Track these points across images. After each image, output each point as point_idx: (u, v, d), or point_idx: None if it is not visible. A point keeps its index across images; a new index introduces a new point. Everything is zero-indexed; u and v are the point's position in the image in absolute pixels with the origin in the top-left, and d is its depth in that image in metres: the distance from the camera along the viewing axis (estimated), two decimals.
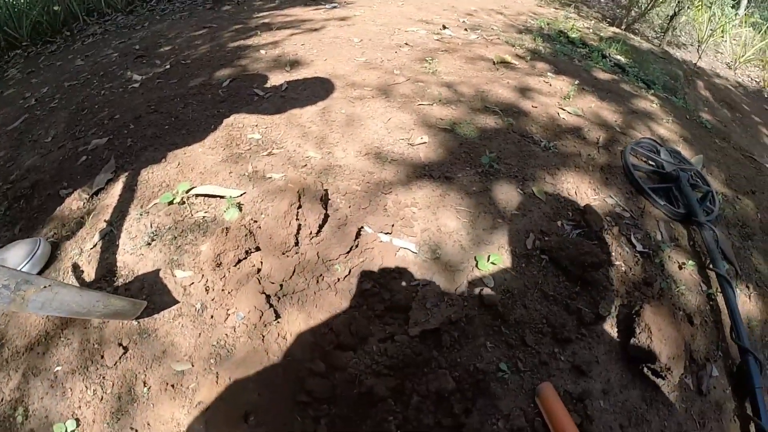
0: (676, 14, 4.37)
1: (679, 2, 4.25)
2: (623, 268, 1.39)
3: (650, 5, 4.53)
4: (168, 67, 2.54)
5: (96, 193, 1.60)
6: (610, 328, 1.23)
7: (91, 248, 1.38)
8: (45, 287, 1.01)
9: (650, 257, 1.46)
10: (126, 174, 1.63)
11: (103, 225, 1.44)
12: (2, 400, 1.13)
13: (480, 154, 1.65)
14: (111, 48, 3.22)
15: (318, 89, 2.04)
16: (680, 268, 1.48)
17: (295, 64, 2.34)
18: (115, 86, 2.44)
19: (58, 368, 1.15)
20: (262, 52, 2.54)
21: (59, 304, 1.05)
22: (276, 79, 2.18)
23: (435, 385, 1.01)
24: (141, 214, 1.44)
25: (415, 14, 3.39)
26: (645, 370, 1.16)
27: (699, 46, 4.53)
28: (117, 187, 1.58)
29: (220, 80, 2.23)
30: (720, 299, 1.44)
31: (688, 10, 4.49)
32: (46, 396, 1.11)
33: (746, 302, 1.51)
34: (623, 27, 4.49)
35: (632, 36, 4.19)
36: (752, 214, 1.84)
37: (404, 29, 2.95)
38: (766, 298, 1.55)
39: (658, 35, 4.71)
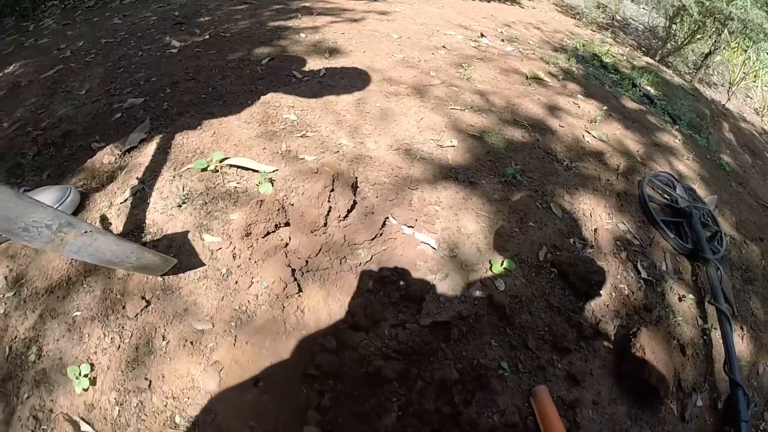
0: (711, 53, 4.43)
1: (715, 41, 4.30)
2: (626, 292, 1.47)
3: (686, 40, 4.59)
4: (207, 37, 2.61)
5: (128, 151, 1.65)
6: (607, 344, 1.31)
7: (121, 203, 1.44)
8: (85, 232, 1.04)
9: (653, 285, 1.53)
10: (160, 136, 1.69)
11: (135, 182, 1.50)
12: (16, 338, 1.17)
13: (505, 164, 1.73)
14: (149, 11, 3.30)
15: (355, 80, 2.12)
16: (680, 300, 1.55)
17: (333, 51, 2.42)
18: (153, 49, 2.51)
19: (77, 313, 1.19)
20: (302, 35, 2.62)
21: (94, 251, 1.08)
22: (314, 64, 2.26)
23: (439, 374, 1.10)
24: (174, 177, 1.50)
25: (455, 18, 3.46)
26: (635, 386, 1.24)
27: (730, 87, 4.58)
28: (150, 148, 1.64)
29: (259, 57, 2.30)
30: (714, 336, 1.52)
31: (724, 51, 4.54)
32: (62, 338, 1.15)
33: (738, 342, 1.58)
34: (657, 58, 4.55)
35: (665, 69, 4.25)
36: (757, 260, 1.91)
37: (443, 32, 3.03)
38: (757, 341, 1.62)
39: (690, 71, 4.76)
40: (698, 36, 4.48)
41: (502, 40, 3.18)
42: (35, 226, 0.98)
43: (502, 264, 1.34)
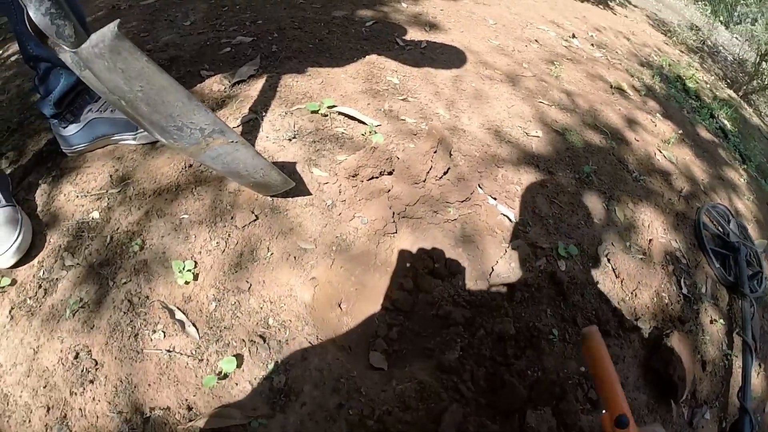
0: None
1: None
2: (666, 301, 1.65)
3: None
4: None
5: (237, 83, 1.83)
6: (641, 340, 1.51)
7: (234, 127, 1.60)
8: (232, 142, 1.12)
9: (690, 302, 1.70)
10: (269, 75, 1.86)
11: (246, 111, 1.68)
12: (118, 229, 1.30)
13: (581, 162, 1.92)
14: None
15: (453, 57, 2.30)
16: (711, 322, 1.72)
17: (433, 26, 2.60)
18: None
19: (185, 216, 1.33)
20: (403, 5, 2.79)
21: (231, 161, 1.18)
22: (415, 35, 2.44)
23: (499, 327, 1.32)
24: (285, 113, 1.69)
25: (548, 13, 3.58)
26: (658, 381, 1.45)
27: None
28: (259, 83, 1.82)
29: (363, 19, 2.49)
30: (734, 363, 1.68)
31: None
32: (167, 236, 1.28)
33: (754, 377, 1.73)
34: (740, 93, 4.58)
35: (746, 106, 4.29)
36: None
37: (536, 25, 3.17)
38: None
39: None
40: None
41: (592, 45, 3.30)
42: (191, 127, 1.07)
43: (566, 248, 1.55)
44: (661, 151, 2.30)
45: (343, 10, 2.57)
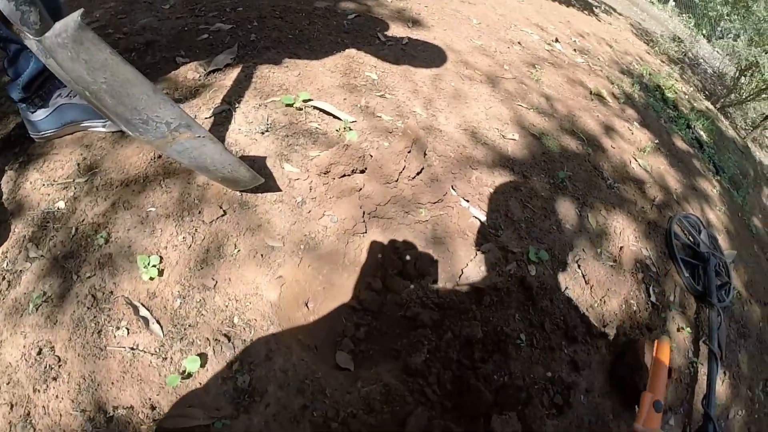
0: None
1: None
2: (634, 308, 1.69)
3: (751, 97, 4.75)
4: None
5: (213, 72, 1.80)
6: (608, 347, 1.55)
7: (206, 118, 1.60)
8: (198, 137, 1.12)
9: (658, 310, 1.75)
10: (246, 65, 1.85)
11: (219, 102, 1.66)
12: (84, 221, 1.27)
13: (556, 168, 1.96)
14: None
15: (434, 56, 2.32)
16: (678, 330, 1.78)
17: (416, 23, 2.61)
18: None
19: (152, 209, 1.31)
20: None
21: (197, 155, 1.18)
22: (397, 30, 2.45)
23: (467, 331, 1.34)
24: (259, 105, 1.67)
25: (533, 16, 3.63)
26: (623, 387, 1.48)
27: None
28: (235, 73, 1.80)
29: (345, 12, 2.48)
30: (700, 371, 1.74)
31: None
32: (133, 229, 1.27)
33: (719, 385, 1.80)
34: (717, 106, 4.71)
35: (722, 118, 4.42)
36: (756, 321, 2.13)
37: (520, 28, 3.21)
38: (735, 389, 1.84)
39: (747, 127, 4.93)
40: (764, 96, 4.63)
41: (574, 50, 3.35)
42: (156, 121, 1.08)
43: (537, 253, 1.57)
44: (636, 160, 2.35)
45: (325, 1, 2.56)
